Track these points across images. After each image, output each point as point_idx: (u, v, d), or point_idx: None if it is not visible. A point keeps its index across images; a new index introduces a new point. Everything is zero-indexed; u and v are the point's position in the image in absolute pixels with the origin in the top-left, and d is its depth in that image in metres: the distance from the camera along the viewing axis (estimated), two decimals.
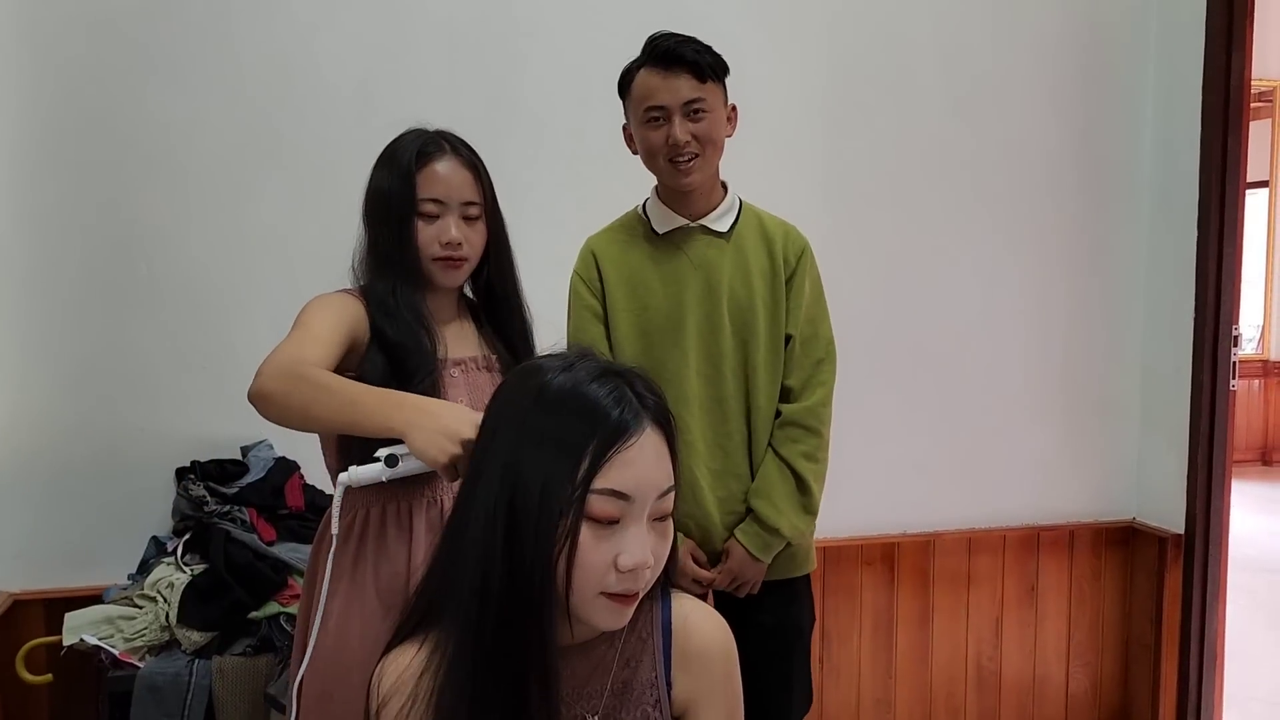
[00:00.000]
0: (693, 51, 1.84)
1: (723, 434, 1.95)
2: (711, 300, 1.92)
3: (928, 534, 2.89)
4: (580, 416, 0.99)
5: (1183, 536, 2.88)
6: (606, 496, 0.98)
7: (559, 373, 1.02)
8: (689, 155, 1.85)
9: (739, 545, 1.92)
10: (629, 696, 1.10)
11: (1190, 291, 2.84)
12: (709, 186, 1.95)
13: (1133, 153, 2.97)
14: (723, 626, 1.17)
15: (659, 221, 1.95)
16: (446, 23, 2.51)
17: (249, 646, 2.06)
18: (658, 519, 1.02)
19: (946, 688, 2.93)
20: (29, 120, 2.31)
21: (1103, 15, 2.91)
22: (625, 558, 0.99)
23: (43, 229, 2.33)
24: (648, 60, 1.86)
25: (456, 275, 1.65)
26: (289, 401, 1.40)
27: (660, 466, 1.02)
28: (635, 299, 1.94)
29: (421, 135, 1.66)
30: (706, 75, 1.85)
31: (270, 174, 2.44)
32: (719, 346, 1.93)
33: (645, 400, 1.02)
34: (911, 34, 2.79)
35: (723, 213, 1.96)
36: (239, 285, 2.43)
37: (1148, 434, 3.02)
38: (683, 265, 1.93)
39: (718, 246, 1.94)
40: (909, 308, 2.85)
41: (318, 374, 1.41)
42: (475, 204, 1.64)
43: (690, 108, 1.84)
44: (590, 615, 1.01)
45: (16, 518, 2.34)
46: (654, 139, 1.86)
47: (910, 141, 2.81)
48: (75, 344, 2.35)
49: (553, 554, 0.97)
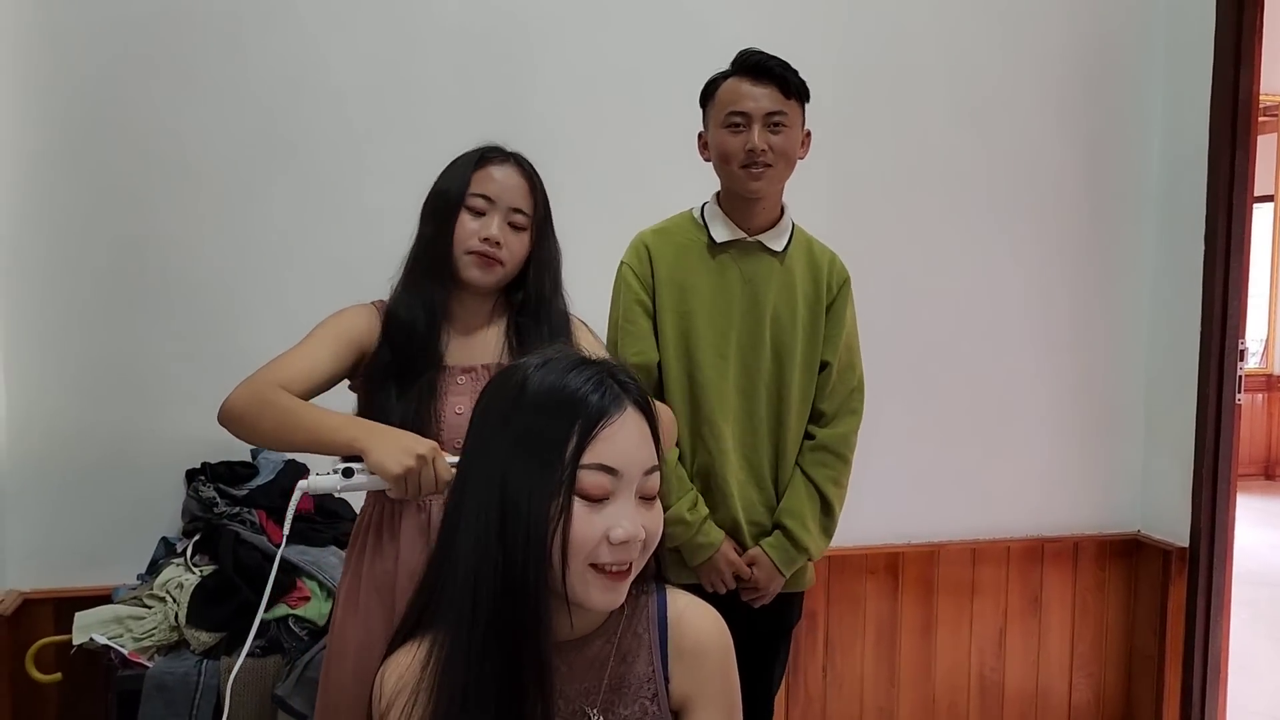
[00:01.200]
0: (780, 67, 1.90)
1: (750, 446, 1.99)
2: (755, 317, 1.96)
3: (932, 544, 2.90)
4: (562, 405, 1.02)
5: (1187, 549, 2.88)
6: (595, 471, 1.01)
7: (538, 368, 1.05)
8: (763, 164, 1.89)
9: (766, 558, 1.97)
10: (626, 691, 1.12)
11: (1196, 305, 2.84)
12: (773, 202, 1.98)
13: (1140, 166, 2.98)
14: (718, 621, 1.18)
15: (718, 230, 1.97)
16: (456, 32, 2.52)
17: (257, 648, 2.07)
18: (645, 498, 1.05)
19: (949, 698, 2.93)
20: (43, 126, 2.33)
21: (1112, 29, 2.93)
22: (617, 530, 1.01)
23: (56, 233, 2.35)
24: (737, 70, 1.92)
25: (489, 274, 1.64)
26: (259, 424, 1.49)
27: (644, 445, 1.05)
28: (682, 301, 1.96)
29: (490, 145, 1.69)
30: (791, 93, 1.90)
31: (281, 179, 2.45)
32: (757, 363, 1.97)
33: (626, 385, 1.06)
34: (920, 48, 2.81)
35: (780, 232, 1.99)
36: (250, 289, 2.44)
37: (1152, 447, 3.02)
38: (733, 277, 1.96)
39: (769, 265, 1.97)
40: (914, 319, 2.86)
41: (283, 397, 1.49)
42: (524, 213, 1.66)
43: (772, 119, 1.89)
44: (584, 593, 1.03)
45: (28, 517, 2.36)
46: (732, 144, 1.90)
47: (917, 153, 2.83)
48: (88, 346, 2.37)
49: (547, 536, 1.00)
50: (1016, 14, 2.86)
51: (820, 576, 2.79)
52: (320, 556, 2.17)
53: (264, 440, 1.52)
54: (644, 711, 1.11)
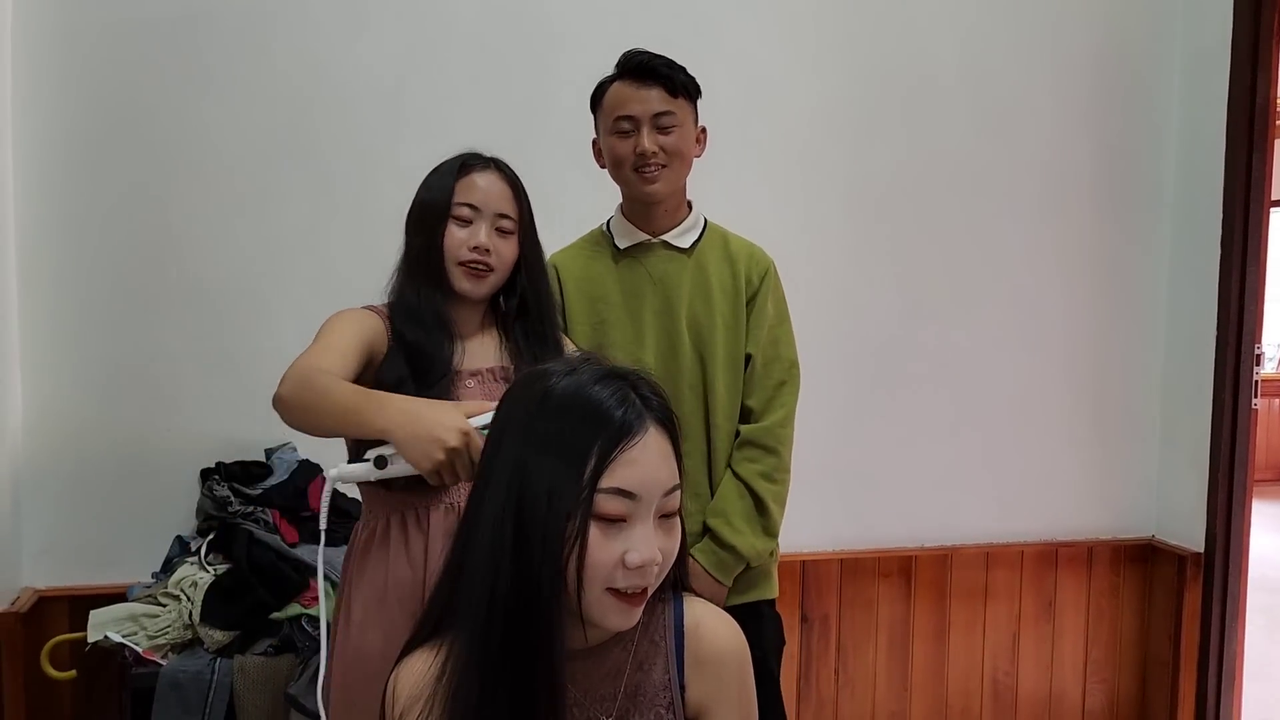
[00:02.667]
0: (665, 67, 1.85)
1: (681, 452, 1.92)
2: (670, 316, 1.91)
3: (945, 548, 2.89)
4: (584, 419, 1.00)
5: (1202, 555, 2.87)
6: (613, 496, 0.99)
7: (563, 376, 1.03)
8: (655, 165, 1.85)
9: (697, 564, 1.88)
10: (642, 699, 1.11)
11: (1212, 310, 2.83)
12: (674, 203, 1.94)
13: (1157, 171, 2.96)
14: (736, 630, 1.17)
15: (621, 236, 1.95)
16: (476, 33, 2.53)
17: (270, 646, 2.08)
18: (664, 516, 1.04)
19: (962, 702, 2.92)
20: (61, 123, 2.35)
21: (1129, 35, 2.92)
22: (633, 555, 1.00)
23: (74, 234, 2.37)
24: (621, 73, 1.88)
25: (480, 285, 1.66)
26: (303, 408, 1.46)
27: (665, 465, 1.03)
28: (594, 313, 1.92)
29: (470, 153, 1.70)
30: (678, 91, 1.86)
31: (299, 180, 2.46)
32: (678, 363, 1.91)
33: (649, 401, 1.03)
34: (936, 52, 2.80)
35: (685, 229, 1.95)
36: (266, 289, 2.46)
37: (1168, 451, 3.01)
38: (642, 280, 1.92)
39: (678, 262, 1.93)
40: (929, 322, 2.85)
41: (324, 380, 1.46)
42: (509, 218, 1.66)
43: (660, 120, 1.84)
44: (600, 616, 1.02)
45: (44, 515, 2.38)
46: (622, 149, 1.86)
47: (933, 157, 2.82)
48: (104, 346, 2.39)
49: (562, 556, 0.98)
50: (1033, 19, 2.85)
51: (833, 579, 2.79)
52: (334, 556, 2.18)
53: (307, 425, 1.49)
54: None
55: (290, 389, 1.46)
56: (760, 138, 2.70)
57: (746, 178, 2.68)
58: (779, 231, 2.11)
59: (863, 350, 2.80)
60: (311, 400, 1.45)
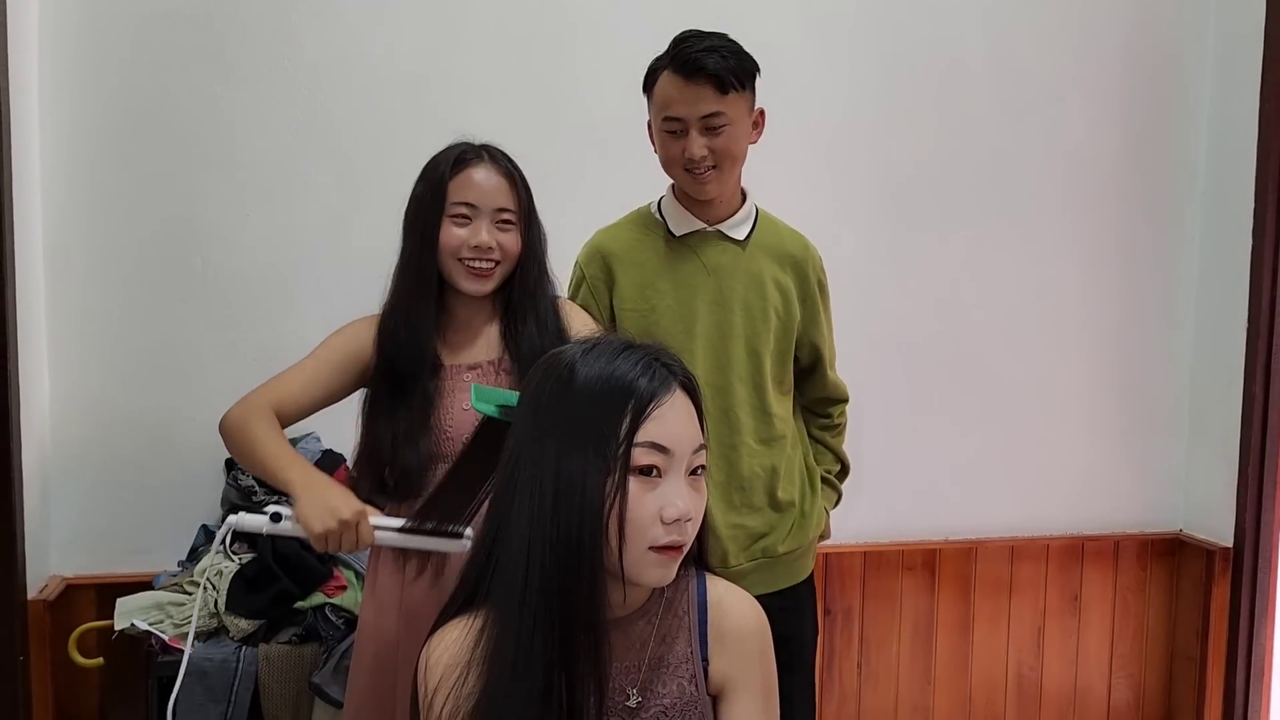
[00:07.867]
0: (716, 60, 1.76)
1: (728, 444, 1.89)
2: (724, 308, 1.89)
3: (970, 541, 2.87)
4: (614, 390, 1.04)
5: (1231, 550, 2.84)
6: (649, 449, 1.04)
7: (585, 354, 1.08)
8: (705, 168, 1.80)
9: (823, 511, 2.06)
10: (665, 670, 1.14)
11: (1243, 301, 2.79)
12: (728, 195, 1.91)
13: (1188, 160, 2.92)
14: (756, 607, 1.21)
15: (675, 223, 1.91)
16: (498, 22, 2.52)
17: (295, 635, 2.09)
18: (693, 473, 1.08)
19: (986, 696, 2.90)
20: (87, 115, 2.36)
21: (1160, 23, 2.87)
22: (670, 509, 1.04)
23: (101, 223, 2.38)
24: (670, 64, 1.79)
25: (485, 283, 1.65)
26: (236, 448, 1.61)
27: (692, 423, 1.09)
28: (644, 300, 1.89)
29: (461, 145, 1.68)
30: (729, 86, 1.77)
31: (323, 170, 2.47)
32: (728, 355, 1.89)
33: (672, 366, 1.09)
34: (963, 39, 2.77)
35: (740, 220, 1.92)
36: (291, 279, 2.46)
37: (1196, 444, 2.97)
38: (696, 270, 1.89)
39: (732, 253, 1.90)
40: (954, 313, 2.82)
41: (258, 430, 1.58)
42: (509, 211, 1.65)
43: (708, 122, 1.78)
44: (640, 572, 1.06)
45: (71, 504, 2.39)
46: (672, 149, 1.82)
47: (960, 146, 2.79)
48: (131, 335, 2.40)
49: (603, 514, 1.02)
50: (1063, 5, 2.81)
51: (856, 572, 2.77)
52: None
53: (241, 461, 1.63)
54: (681, 692, 1.13)
55: (230, 426, 1.61)
56: (785, 127, 2.66)
57: (773, 169, 2.65)
58: (804, 221, 2.09)
59: (887, 341, 2.78)
60: (241, 445, 1.59)
